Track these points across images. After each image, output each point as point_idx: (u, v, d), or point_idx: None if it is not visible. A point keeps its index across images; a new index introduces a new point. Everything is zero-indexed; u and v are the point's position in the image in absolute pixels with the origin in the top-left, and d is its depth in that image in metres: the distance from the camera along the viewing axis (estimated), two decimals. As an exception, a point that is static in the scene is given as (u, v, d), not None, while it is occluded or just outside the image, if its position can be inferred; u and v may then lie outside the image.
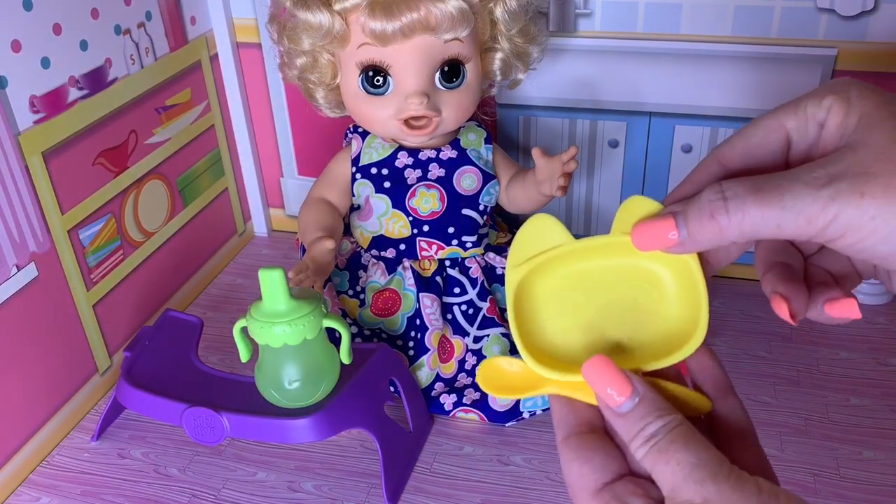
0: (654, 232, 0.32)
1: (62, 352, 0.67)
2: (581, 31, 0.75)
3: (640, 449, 0.31)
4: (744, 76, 0.73)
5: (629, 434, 0.31)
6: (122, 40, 0.70)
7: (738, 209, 0.29)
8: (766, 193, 0.29)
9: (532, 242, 0.36)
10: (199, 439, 0.58)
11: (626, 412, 0.31)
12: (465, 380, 0.68)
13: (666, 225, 0.31)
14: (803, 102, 0.32)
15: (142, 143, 0.74)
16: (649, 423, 0.31)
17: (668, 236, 0.31)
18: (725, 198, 0.29)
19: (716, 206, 0.30)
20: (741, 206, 0.29)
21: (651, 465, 0.30)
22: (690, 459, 0.29)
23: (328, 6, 0.62)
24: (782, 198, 0.28)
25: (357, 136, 0.72)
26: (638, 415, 0.31)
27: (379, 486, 0.61)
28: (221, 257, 0.90)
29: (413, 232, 0.70)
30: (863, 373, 0.71)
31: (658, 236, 0.31)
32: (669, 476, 0.30)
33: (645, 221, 0.32)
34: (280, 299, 0.54)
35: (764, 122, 0.33)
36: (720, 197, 0.30)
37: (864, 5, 0.68)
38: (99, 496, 0.62)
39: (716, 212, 0.29)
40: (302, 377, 0.56)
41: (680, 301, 0.34)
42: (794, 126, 0.32)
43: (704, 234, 0.30)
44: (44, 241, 0.64)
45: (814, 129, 0.32)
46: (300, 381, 0.56)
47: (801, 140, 0.32)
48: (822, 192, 0.28)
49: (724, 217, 0.29)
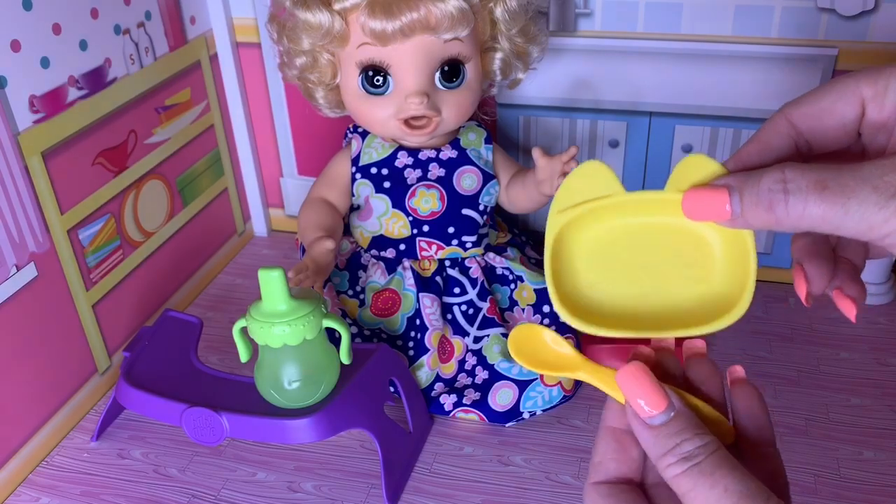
0: (707, 203, 0.30)
1: (62, 352, 0.67)
2: (581, 30, 0.75)
3: (675, 467, 0.29)
4: (744, 76, 0.73)
5: (661, 449, 0.30)
6: (121, 40, 0.70)
7: (799, 203, 0.28)
8: (830, 193, 0.27)
9: (581, 189, 0.34)
10: (199, 439, 0.58)
11: (657, 425, 0.30)
12: (464, 380, 0.68)
13: (720, 198, 0.30)
14: (886, 73, 0.30)
15: (141, 143, 0.74)
16: (686, 441, 0.30)
17: (720, 210, 0.30)
18: (787, 190, 0.28)
19: (775, 198, 0.28)
20: (802, 201, 0.28)
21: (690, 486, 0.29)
22: (738, 488, 0.29)
23: (328, 6, 0.62)
24: (847, 201, 0.27)
25: (357, 136, 0.72)
26: (673, 430, 0.30)
27: (379, 486, 0.61)
28: (221, 257, 0.90)
29: (413, 232, 0.70)
30: (863, 373, 0.70)
31: (710, 208, 0.30)
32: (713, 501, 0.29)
33: (698, 190, 0.31)
34: (280, 299, 0.54)
35: (839, 85, 0.31)
36: (781, 188, 0.28)
37: (864, 5, 0.68)
38: (98, 496, 0.62)
39: (774, 203, 0.28)
40: (302, 377, 0.56)
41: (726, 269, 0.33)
42: (870, 95, 0.30)
43: (758, 221, 0.29)
44: (43, 241, 0.64)
45: (893, 104, 0.30)
46: (300, 382, 0.56)
47: (875, 112, 0.31)
48: (890, 202, 0.27)
49: (782, 209, 0.28)
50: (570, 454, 0.63)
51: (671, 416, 0.30)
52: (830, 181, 0.27)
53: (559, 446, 0.64)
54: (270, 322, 0.54)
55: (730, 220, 0.30)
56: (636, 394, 0.31)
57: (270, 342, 0.55)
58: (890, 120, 0.31)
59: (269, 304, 0.55)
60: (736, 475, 0.29)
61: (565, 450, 0.64)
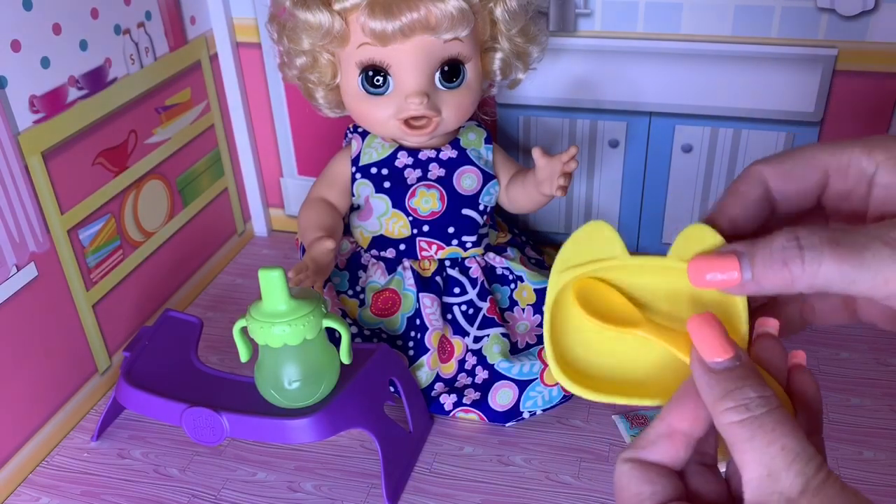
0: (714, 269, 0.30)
1: (62, 352, 0.67)
2: (581, 31, 0.75)
3: (732, 412, 0.29)
4: (744, 76, 0.73)
5: (720, 391, 0.29)
6: (121, 40, 0.70)
7: (815, 260, 0.28)
8: (845, 249, 0.28)
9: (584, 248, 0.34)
10: (199, 439, 0.58)
11: (721, 369, 0.29)
12: (464, 380, 0.68)
13: (728, 264, 0.30)
14: (849, 149, 0.32)
15: (141, 143, 0.74)
16: (748, 387, 0.29)
17: (730, 275, 0.30)
18: (801, 246, 0.28)
19: (790, 254, 0.29)
20: (818, 257, 0.28)
21: (747, 436, 0.28)
22: (797, 449, 0.28)
23: (328, 6, 0.62)
24: (862, 256, 0.28)
25: (357, 136, 0.72)
26: (736, 375, 0.29)
27: (379, 486, 0.61)
28: (221, 257, 0.90)
29: (413, 232, 0.70)
30: (863, 373, 0.70)
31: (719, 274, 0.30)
32: (769, 460, 0.28)
33: (705, 257, 0.31)
34: (280, 299, 0.54)
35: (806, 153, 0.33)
36: (795, 245, 0.29)
37: (864, 5, 0.68)
38: (99, 496, 0.62)
39: (790, 260, 0.29)
40: (302, 377, 0.56)
41: None
42: (834, 167, 0.32)
43: (772, 281, 0.29)
44: (43, 241, 0.64)
45: (855, 175, 0.32)
46: (300, 382, 0.56)
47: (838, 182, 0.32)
48: None
49: (798, 266, 0.28)
50: (570, 454, 0.63)
51: (736, 365, 0.30)
52: (842, 238, 0.28)
53: (559, 446, 0.64)
54: (270, 322, 0.54)
55: (739, 285, 0.30)
56: (705, 338, 0.30)
57: (270, 342, 0.55)
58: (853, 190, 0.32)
59: (270, 303, 0.55)
60: (795, 436, 0.28)
61: (565, 450, 0.64)
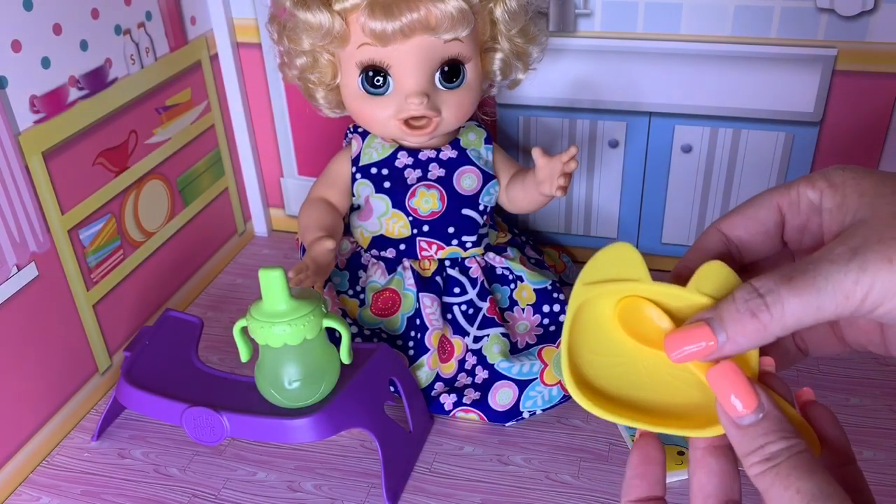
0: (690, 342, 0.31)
1: (62, 352, 0.67)
2: (581, 31, 0.75)
3: (757, 466, 0.30)
4: (744, 76, 0.73)
5: (747, 448, 0.30)
6: (122, 40, 0.70)
7: (777, 302, 0.29)
8: (798, 280, 0.29)
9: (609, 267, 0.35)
10: (199, 439, 0.58)
11: (747, 425, 0.30)
12: (464, 379, 0.68)
13: (701, 333, 0.31)
14: (796, 185, 0.34)
15: (142, 143, 0.74)
16: (771, 443, 0.30)
17: (706, 344, 0.31)
18: (761, 294, 0.30)
19: (755, 304, 0.30)
20: (778, 299, 0.29)
21: (767, 486, 0.30)
22: (812, 490, 0.29)
23: (328, 6, 0.62)
24: (815, 280, 0.29)
25: (357, 136, 0.72)
26: (760, 430, 0.30)
27: (379, 486, 0.61)
28: (221, 257, 0.90)
29: (413, 232, 0.70)
30: (863, 373, 0.71)
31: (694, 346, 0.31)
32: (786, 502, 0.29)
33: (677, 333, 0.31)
34: (280, 299, 0.54)
35: (759, 199, 0.35)
36: (755, 294, 0.30)
37: (864, 5, 0.68)
38: (99, 496, 0.62)
39: (756, 310, 0.30)
40: (302, 377, 0.56)
41: None
42: (786, 204, 0.34)
43: (746, 336, 0.30)
44: (44, 241, 0.64)
45: (806, 207, 0.34)
46: (300, 382, 0.56)
47: (793, 217, 0.34)
48: (850, 265, 0.29)
49: (765, 313, 0.29)
50: (570, 454, 0.63)
51: (759, 417, 0.30)
52: (792, 272, 0.30)
53: (559, 446, 0.64)
54: (271, 322, 0.54)
55: (717, 349, 0.31)
56: (728, 391, 0.31)
57: (271, 342, 0.55)
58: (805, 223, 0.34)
59: (270, 303, 0.55)
60: (814, 478, 0.29)
61: (565, 449, 0.64)
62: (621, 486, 0.62)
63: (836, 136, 0.74)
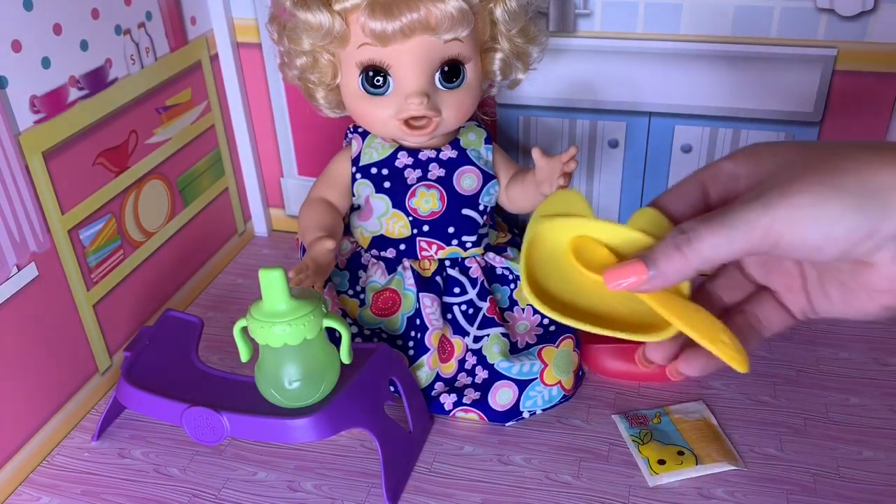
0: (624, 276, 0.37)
1: (62, 352, 0.67)
2: (581, 31, 0.75)
3: None
4: (744, 76, 0.73)
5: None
6: (122, 40, 0.70)
7: (697, 238, 0.35)
8: (713, 219, 0.35)
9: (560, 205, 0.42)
10: (199, 439, 0.58)
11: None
12: (464, 379, 0.68)
13: (635, 269, 0.37)
14: (718, 162, 0.40)
15: (142, 143, 0.74)
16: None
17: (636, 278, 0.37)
18: (684, 231, 0.35)
19: (679, 240, 0.35)
20: (697, 234, 0.35)
21: None
22: None
23: (328, 6, 0.62)
24: (726, 217, 0.35)
25: (357, 136, 0.72)
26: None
27: (379, 486, 0.61)
28: (221, 257, 0.90)
29: (413, 232, 0.70)
30: (863, 373, 0.71)
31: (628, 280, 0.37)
32: None
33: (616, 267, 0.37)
34: (280, 299, 0.54)
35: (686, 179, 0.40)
36: (680, 231, 0.36)
37: (864, 5, 0.68)
38: (99, 496, 0.62)
39: (680, 244, 0.35)
40: (302, 377, 0.56)
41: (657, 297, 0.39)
42: (708, 178, 0.39)
43: (672, 266, 0.36)
44: (44, 240, 0.64)
45: (725, 178, 0.39)
46: (300, 381, 0.56)
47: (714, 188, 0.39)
48: (755, 203, 0.34)
49: (687, 247, 0.35)
50: (570, 454, 0.63)
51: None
52: (709, 215, 0.35)
53: (559, 446, 0.64)
54: (271, 322, 0.54)
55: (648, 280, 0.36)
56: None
57: (271, 342, 0.55)
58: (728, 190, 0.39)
59: (270, 303, 0.55)
60: None
61: (565, 449, 0.64)
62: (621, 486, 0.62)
63: (835, 136, 0.74)
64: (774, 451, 0.63)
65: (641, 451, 0.63)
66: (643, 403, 0.68)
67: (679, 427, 0.65)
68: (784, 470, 0.61)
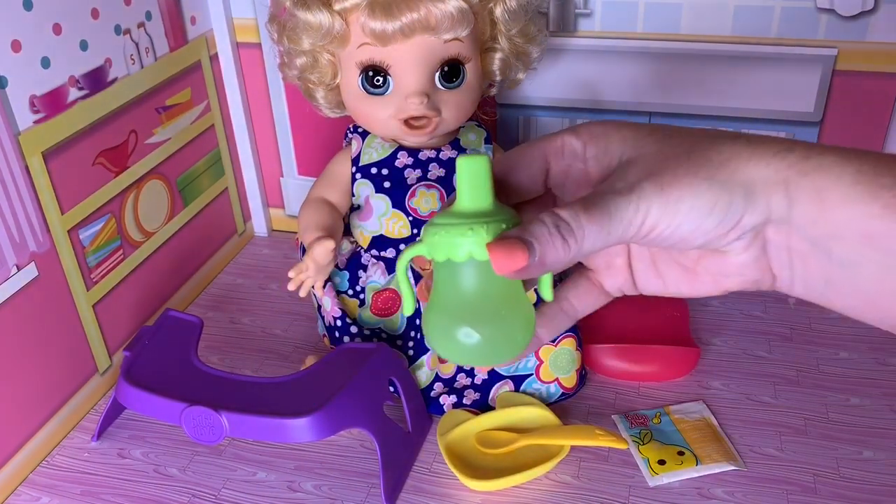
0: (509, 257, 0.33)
1: (62, 352, 0.67)
2: (581, 31, 0.75)
3: None
4: (744, 76, 0.73)
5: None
6: (122, 40, 0.70)
7: (580, 228, 0.33)
8: (594, 211, 0.33)
9: None
10: (199, 439, 0.58)
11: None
12: (464, 380, 0.68)
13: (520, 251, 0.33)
14: (560, 134, 0.38)
15: (142, 143, 0.74)
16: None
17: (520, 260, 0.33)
18: (566, 221, 0.33)
19: (564, 230, 0.33)
20: (580, 225, 0.33)
21: None
22: None
23: (328, 6, 0.62)
24: (607, 209, 0.33)
25: (357, 136, 0.72)
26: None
27: (379, 486, 0.61)
28: (221, 257, 0.90)
29: (413, 232, 0.70)
30: (863, 373, 0.71)
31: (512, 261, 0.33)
32: None
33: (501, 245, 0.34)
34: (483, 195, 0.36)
35: (529, 145, 0.39)
36: (562, 221, 0.33)
37: (864, 5, 0.68)
38: (99, 496, 0.62)
39: (566, 234, 0.33)
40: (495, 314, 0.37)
41: None
42: (551, 151, 0.38)
43: (554, 255, 0.33)
44: (44, 240, 0.64)
45: (569, 153, 0.38)
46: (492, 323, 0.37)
47: (556, 162, 0.38)
48: (631, 196, 0.33)
49: (570, 237, 0.33)
50: (570, 454, 0.63)
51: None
52: (588, 205, 0.34)
53: (559, 446, 0.64)
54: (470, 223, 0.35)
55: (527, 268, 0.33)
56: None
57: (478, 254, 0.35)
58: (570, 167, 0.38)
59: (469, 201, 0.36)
60: None
61: (565, 449, 0.64)
62: (621, 486, 0.62)
63: (836, 136, 0.74)
64: (774, 451, 0.63)
65: (641, 452, 0.63)
66: (643, 403, 0.68)
67: (679, 427, 0.65)
68: (784, 470, 0.61)
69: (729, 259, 0.36)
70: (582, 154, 0.38)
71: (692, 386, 0.70)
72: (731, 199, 0.33)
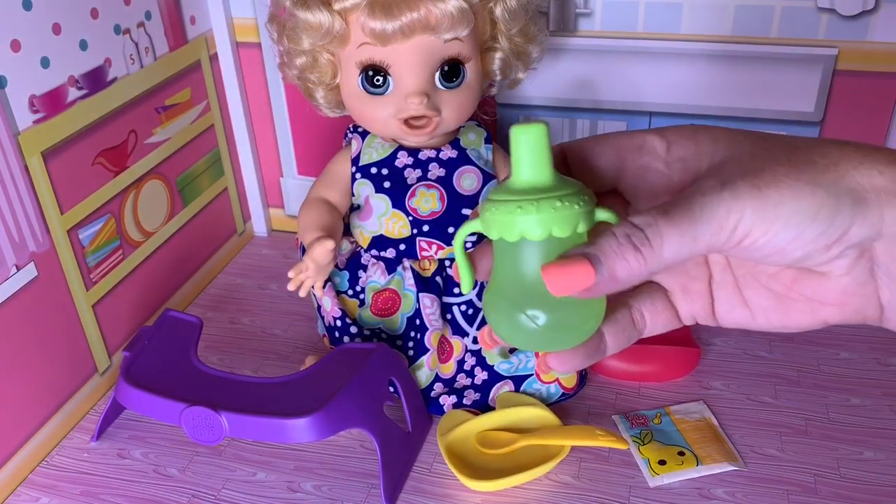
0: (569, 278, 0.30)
1: (62, 352, 0.67)
2: (581, 30, 0.75)
3: None
4: (744, 76, 0.73)
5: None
6: (121, 40, 0.70)
7: (657, 235, 0.29)
8: (674, 213, 0.29)
9: None
10: (198, 439, 0.58)
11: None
12: (464, 380, 0.68)
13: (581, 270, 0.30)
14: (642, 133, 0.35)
15: (141, 143, 0.74)
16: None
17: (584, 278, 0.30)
18: (640, 228, 0.30)
19: (637, 238, 0.29)
20: (657, 231, 0.29)
21: None
22: None
23: (328, 6, 0.62)
24: (691, 210, 0.29)
25: (357, 136, 0.72)
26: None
27: (379, 487, 0.61)
28: (221, 257, 0.90)
29: (413, 232, 0.70)
30: (863, 373, 0.70)
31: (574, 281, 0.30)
32: None
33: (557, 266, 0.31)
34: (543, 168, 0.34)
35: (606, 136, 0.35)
36: (635, 229, 0.30)
37: (864, 5, 0.68)
38: (98, 496, 0.62)
39: (639, 243, 0.29)
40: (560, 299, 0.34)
41: None
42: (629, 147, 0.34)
43: (627, 269, 0.30)
44: (43, 240, 0.64)
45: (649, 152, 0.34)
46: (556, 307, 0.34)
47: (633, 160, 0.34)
48: (723, 194, 0.29)
49: (647, 247, 0.29)
50: (570, 454, 0.63)
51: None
52: (667, 207, 0.30)
53: (559, 446, 0.64)
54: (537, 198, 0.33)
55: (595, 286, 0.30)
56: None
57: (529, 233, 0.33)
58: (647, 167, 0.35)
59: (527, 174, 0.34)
60: None
61: (565, 450, 0.64)
62: (621, 486, 0.62)
63: (836, 136, 0.74)
64: (775, 451, 0.63)
65: (642, 452, 0.62)
66: (643, 404, 0.68)
67: (679, 427, 0.65)
68: (784, 470, 0.61)
69: (829, 282, 0.31)
70: (664, 155, 0.34)
71: (692, 386, 0.70)
72: (837, 207, 0.29)
